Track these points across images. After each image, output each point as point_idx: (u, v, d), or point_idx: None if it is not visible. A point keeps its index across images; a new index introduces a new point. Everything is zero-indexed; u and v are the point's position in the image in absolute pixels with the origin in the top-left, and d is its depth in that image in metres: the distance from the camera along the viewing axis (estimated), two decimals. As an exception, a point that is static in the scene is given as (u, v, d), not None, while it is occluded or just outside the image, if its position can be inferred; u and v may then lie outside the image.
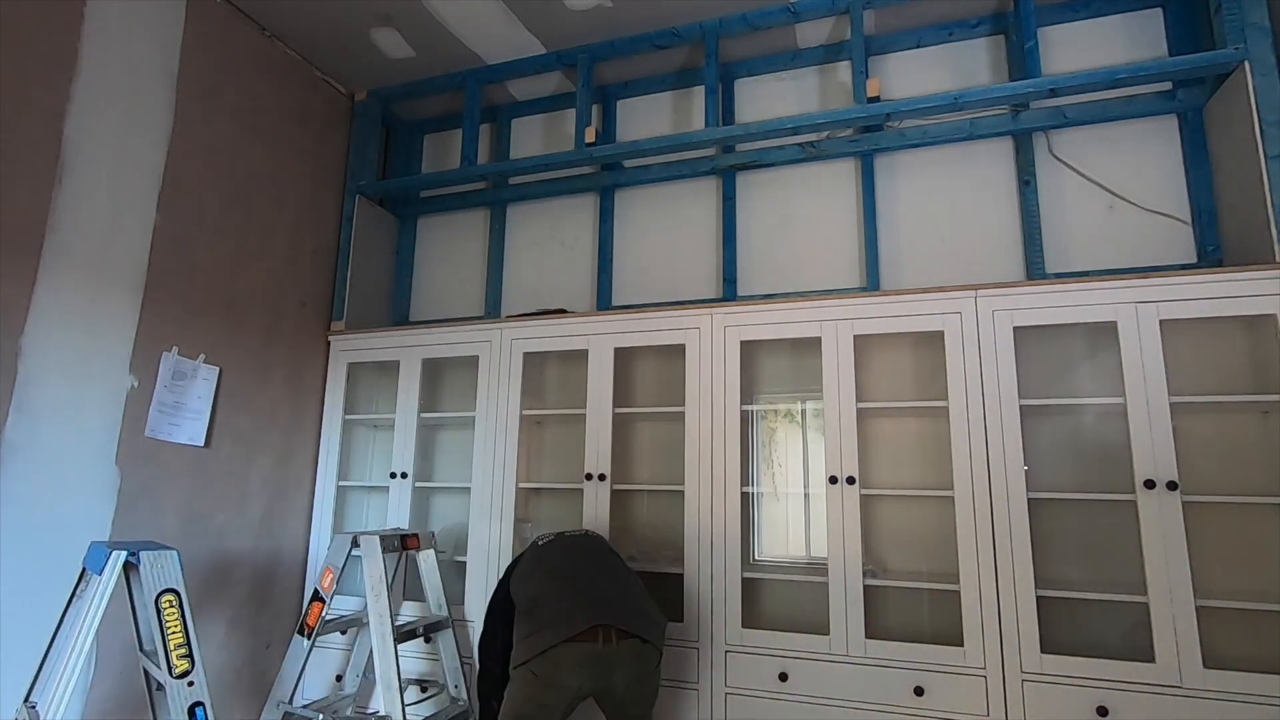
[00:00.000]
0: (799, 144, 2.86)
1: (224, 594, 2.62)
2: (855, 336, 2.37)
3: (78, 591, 1.83)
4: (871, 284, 2.71)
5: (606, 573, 2.03)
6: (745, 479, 2.46)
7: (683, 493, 2.51)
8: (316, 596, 2.39)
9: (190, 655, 1.75)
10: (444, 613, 2.58)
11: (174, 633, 1.74)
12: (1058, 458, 2.35)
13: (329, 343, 3.12)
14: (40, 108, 2.08)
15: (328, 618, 2.46)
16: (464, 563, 2.73)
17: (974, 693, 2.07)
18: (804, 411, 2.69)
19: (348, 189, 3.28)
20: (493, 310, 3.29)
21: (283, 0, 2.74)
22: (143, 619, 1.88)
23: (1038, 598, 2.07)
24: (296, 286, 2.99)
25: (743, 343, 2.50)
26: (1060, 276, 2.51)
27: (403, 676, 2.61)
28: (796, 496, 2.63)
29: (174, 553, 1.80)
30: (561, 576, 2.00)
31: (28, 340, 2.02)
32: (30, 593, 1.99)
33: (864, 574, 2.24)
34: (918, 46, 2.87)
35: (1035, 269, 2.54)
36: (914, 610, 2.40)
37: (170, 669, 1.71)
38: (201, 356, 2.53)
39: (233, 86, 2.72)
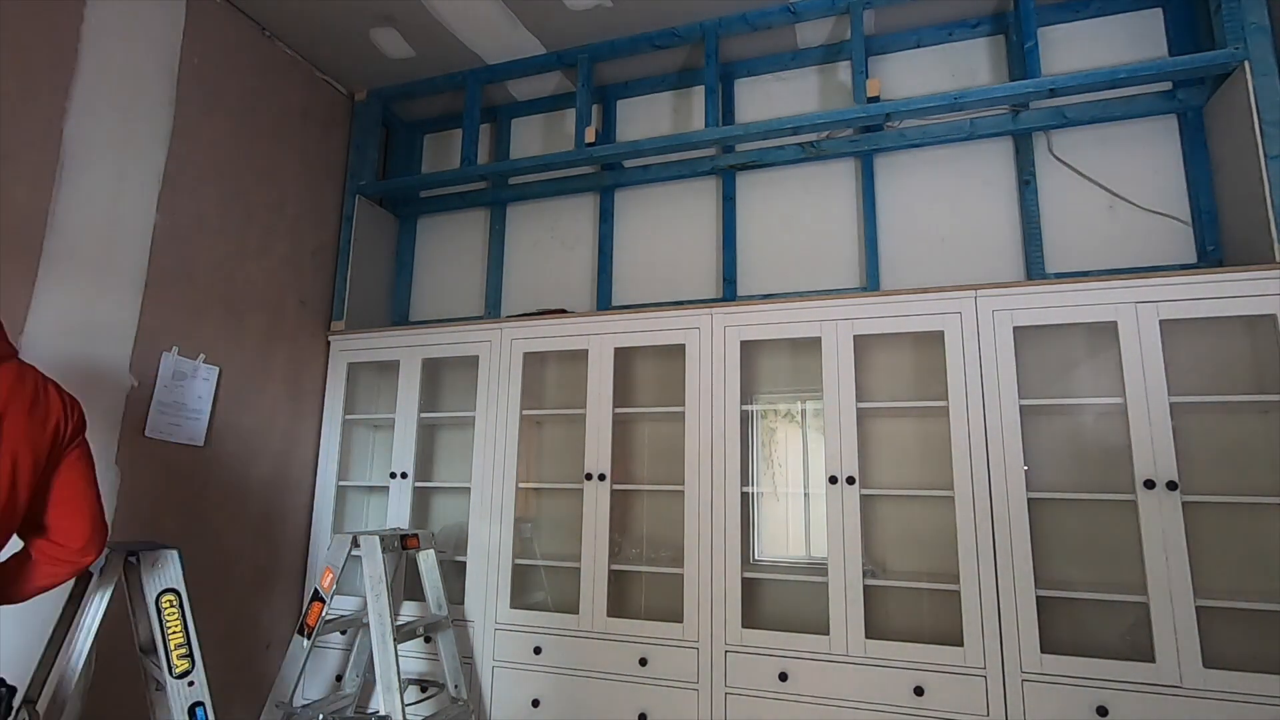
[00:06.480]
0: (799, 144, 2.86)
1: (224, 594, 2.61)
2: (855, 336, 2.37)
3: (77, 591, 1.83)
4: (871, 284, 2.71)
5: None
6: (745, 479, 2.46)
7: (683, 493, 2.51)
8: (316, 596, 2.39)
9: (190, 655, 1.75)
10: (444, 613, 2.58)
11: (174, 633, 1.74)
12: (1058, 458, 2.35)
13: (329, 343, 3.12)
14: (40, 108, 2.08)
15: (328, 618, 2.46)
16: (464, 563, 2.73)
17: (974, 693, 2.06)
18: (804, 411, 2.68)
19: (348, 189, 3.28)
20: (493, 310, 3.29)
21: (283, 0, 2.74)
22: (142, 619, 1.88)
23: (1038, 598, 2.07)
24: (296, 286, 2.99)
25: (743, 343, 2.50)
26: (1060, 276, 2.51)
27: (403, 676, 2.61)
28: (796, 496, 2.63)
29: (174, 552, 1.80)
30: None
31: (28, 340, 2.02)
32: (30, 593, 1.99)
33: (864, 574, 2.24)
34: (917, 46, 2.87)
35: (1035, 269, 2.54)
36: (914, 610, 2.40)
37: (170, 669, 1.71)
38: (201, 356, 2.53)
39: (233, 86, 2.72)
